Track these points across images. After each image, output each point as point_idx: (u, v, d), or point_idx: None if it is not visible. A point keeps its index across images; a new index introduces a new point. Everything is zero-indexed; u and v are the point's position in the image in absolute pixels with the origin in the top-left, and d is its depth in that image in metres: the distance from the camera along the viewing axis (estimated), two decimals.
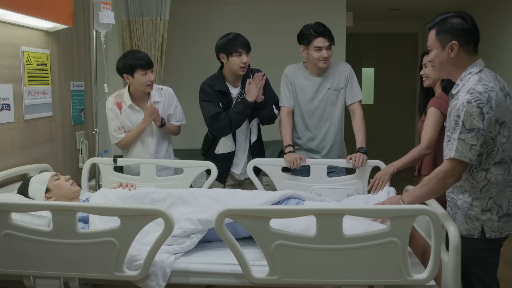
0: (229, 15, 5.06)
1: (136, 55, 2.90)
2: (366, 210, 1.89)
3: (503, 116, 1.89)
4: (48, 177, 2.50)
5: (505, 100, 1.91)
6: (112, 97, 3.04)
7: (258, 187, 2.85)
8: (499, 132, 1.90)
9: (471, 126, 1.85)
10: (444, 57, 2.00)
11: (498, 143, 1.91)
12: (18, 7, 2.46)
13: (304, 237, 1.81)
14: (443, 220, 1.90)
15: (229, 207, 1.81)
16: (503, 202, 1.94)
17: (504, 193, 1.94)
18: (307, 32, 2.89)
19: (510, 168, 1.93)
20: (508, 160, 1.93)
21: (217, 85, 2.93)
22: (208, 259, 2.06)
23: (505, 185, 1.94)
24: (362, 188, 2.84)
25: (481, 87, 1.88)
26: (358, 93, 3.00)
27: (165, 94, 3.07)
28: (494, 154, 1.91)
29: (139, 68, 2.86)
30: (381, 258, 1.80)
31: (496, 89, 1.89)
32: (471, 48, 1.99)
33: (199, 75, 5.19)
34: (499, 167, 1.92)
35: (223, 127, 2.87)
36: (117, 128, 3.02)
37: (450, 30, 1.98)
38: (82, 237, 1.88)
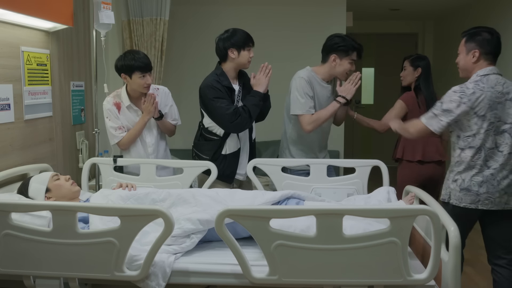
0: (229, 15, 5.06)
1: (136, 56, 2.88)
2: (366, 210, 1.89)
3: (484, 110, 2.36)
4: (48, 177, 2.49)
5: (497, 101, 2.37)
6: (110, 97, 3.03)
7: (258, 187, 2.85)
8: (476, 122, 2.38)
9: (447, 108, 2.41)
10: (466, 61, 2.51)
11: (475, 131, 2.39)
12: (18, 7, 2.46)
13: (304, 237, 1.81)
14: (443, 220, 1.90)
15: (229, 207, 1.80)
16: (466, 178, 2.44)
17: (469, 172, 2.43)
18: (345, 44, 2.93)
19: (480, 154, 2.39)
20: (482, 148, 2.39)
21: (224, 81, 2.91)
22: (208, 259, 2.06)
23: (470, 166, 2.42)
24: (362, 188, 2.84)
25: (472, 84, 2.40)
26: None
27: (161, 94, 3.07)
28: (470, 140, 2.42)
29: (137, 70, 2.85)
30: (381, 258, 1.80)
31: (486, 90, 2.36)
32: (490, 58, 2.48)
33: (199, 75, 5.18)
34: (472, 151, 2.41)
35: (244, 120, 2.84)
36: (117, 127, 3.01)
37: (477, 40, 2.47)
38: (82, 237, 1.87)
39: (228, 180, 2.97)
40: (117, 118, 3.00)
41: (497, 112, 2.38)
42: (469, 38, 2.50)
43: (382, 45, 7.68)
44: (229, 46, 2.88)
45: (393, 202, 2.43)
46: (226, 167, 2.93)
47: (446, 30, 7.03)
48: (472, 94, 2.36)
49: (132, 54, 2.89)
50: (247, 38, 2.89)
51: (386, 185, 2.74)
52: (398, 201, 2.46)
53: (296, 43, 5.00)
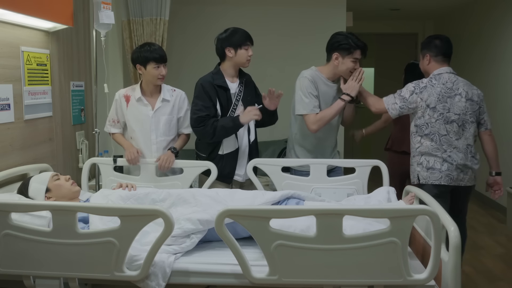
0: (229, 15, 5.06)
1: (152, 47, 2.92)
2: (366, 210, 1.89)
3: (434, 103, 2.81)
4: (48, 177, 2.49)
5: (446, 96, 2.82)
6: (123, 89, 3.08)
7: (258, 187, 2.85)
8: (428, 113, 2.82)
9: (403, 94, 2.89)
10: (423, 64, 3.02)
11: (427, 120, 2.83)
12: (18, 7, 2.46)
13: (304, 237, 1.81)
14: (443, 220, 1.90)
15: (229, 207, 1.81)
16: (429, 160, 2.85)
17: (430, 155, 2.85)
18: (347, 42, 2.90)
19: (435, 140, 2.83)
20: (436, 134, 2.83)
21: (217, 80, 2.92)
22: (208, 259, 2.06)
23: (432, 150, 2.84)
24: (362, 188, 2.84)
25: (426, 80, 2.90)
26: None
27: (177, 96, 3.05)
28: (424, 128, 2.85)
29: (152, 61, 2.88)
30: (381, 258, 1.80)
31: (436, 85, 2.84)
32: (440, 59, 2.94)
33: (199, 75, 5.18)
34: (428, 137, 2.84)
35: (206, 133, 2.86)
36: (112, 120, 3.05)
37: (427, 47, 2.99)
38: (82, 237, 1.87)
39: (227, 180, 2.96)
40: (117, 110, 3.04)
41: (446, 104, 2.81)
42: (423, 46, 3.02)
43: (382, 45, 7.68)
44: (226, 45, 2.90)
45: (393, 202, 2.43)
46: (223, 167, 2.92)
47: (446, 30, 7.04)
48: (424, 88, 2.84)
49: (148, 46, 2.94)
50: (245, 37, 2.89)
51: (386, 185, 2.75)
52: (398, 201, 2.46)
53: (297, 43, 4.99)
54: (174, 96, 3.04)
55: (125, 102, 3.01)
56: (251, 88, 3.04)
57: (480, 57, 5.82)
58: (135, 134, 3.02)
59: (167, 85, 3.06)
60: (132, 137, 3.04)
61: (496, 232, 4.60)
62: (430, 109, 2.81)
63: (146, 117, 2.97)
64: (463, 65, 6.32)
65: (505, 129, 5.14)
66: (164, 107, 2.99)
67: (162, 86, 3.02)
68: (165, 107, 2.99)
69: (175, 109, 3.03)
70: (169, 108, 3.00)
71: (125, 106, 3.01)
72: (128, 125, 3.05)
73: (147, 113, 2.97)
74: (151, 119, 2.97)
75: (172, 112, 3.02)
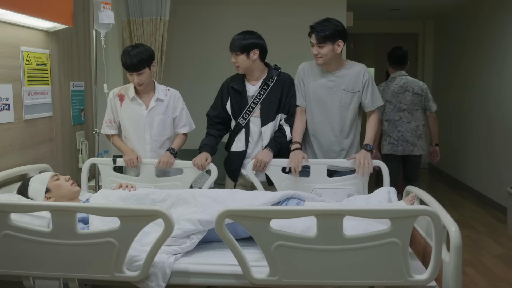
0: (229, 15, 5.05)
1: (126, 56, 2.82)
2: (367, 211, 1.88)
3: (389, 98, 4.04)
4: (48, 177, 2.49)
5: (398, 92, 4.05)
6: (117, 88, 3.06)
7: (258, 188, 2.85)
8: (386, 105, 4.00)
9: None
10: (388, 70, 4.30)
11: (387, 110, 4.06)
12: (18, 7, 2.45)
13: (304, 237, 1.81)
14: (444, 220, 1.89)
15: (229, 208, 1.80)
16: (388, 138, 4.10)
17: (389, 134, 4.09)
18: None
19: (391, 124, 4.08)
20: (391, 120, 4.07)
21: (233, 82, 2.96)
22: (208, 260, 2.06)
23: (389, 130, 4.08)
24: (362, 188, 2.83)
25: (385, 82, 4.18)
26: (378, 99, 2.95)
27: (171, 96, 3.03)
28: (385, 115, 4.07)
29: (125, 69, 2.86)
30: (382, 258, 1.80)
31: (391, 85, 4.09)
32: (394, 66, 4.18)
33: (200, 75, 5.24)
34: (387, 122, 4.09)
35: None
36: (108, 120, 3.04)
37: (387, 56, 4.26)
38: (81, 237, 1.87)
39: (232, 176, 3.01)
40: (112, 110, 3.03)
41: (398, 98, 4.04)
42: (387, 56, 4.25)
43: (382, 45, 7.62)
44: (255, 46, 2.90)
45: (394, 203, 2.43)
46: (231, 163, 2.99)
47: (447, 29, 7.04)
48: (382, 90, 4.02)
49: (127, 52, 2.84)
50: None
51: (387, 186, 2.74)
52: (399, 201, 2.45)
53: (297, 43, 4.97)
54: (168, 95, 3.03)
55: (119, 101, 3.00)
56: (278, 92, 2.93)
57: (482, 56, 5.82)
58: (128, 133, 3.01)
59: (161, 85, 3.06)
60: (126, 136, 3.03)
61: (496, 232, 4.59)
62: (387, 102, 4.02)
63: (140, 117, 2.96)
64: (464, 65, 6.33)
65: (507, 128, 5.13)
66: (158, 107, 2.98)
67: (156, 86, 3.00)
68: (159, 107, 2.98)
69: (170, 108, 3.02)
70: (163, 107, 2.99)
71: (119, 105, 3.00)
72: (122, 124, 3.03)
73: (141, 112, 2.96)
74: (145, 118, 2.96)
75: (167, 112, 3.01)
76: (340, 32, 2.83)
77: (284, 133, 2.93)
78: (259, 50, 2.88)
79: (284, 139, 2.92)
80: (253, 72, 2.92)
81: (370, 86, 2.89)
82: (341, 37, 2.83)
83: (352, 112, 2.91)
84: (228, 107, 2.97)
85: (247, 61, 2.86)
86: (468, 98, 6.22)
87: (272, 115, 2.92)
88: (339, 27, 2.84)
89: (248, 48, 2.84)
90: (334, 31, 2.81)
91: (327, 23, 2.83)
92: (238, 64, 2.88)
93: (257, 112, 2.92)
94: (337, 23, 2.84)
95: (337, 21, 2.86)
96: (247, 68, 2.90)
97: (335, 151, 2.95)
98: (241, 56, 2.85)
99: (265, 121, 2.92)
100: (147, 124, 2.97)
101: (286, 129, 2.94)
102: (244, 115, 2.92)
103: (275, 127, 2.95)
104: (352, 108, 2.91)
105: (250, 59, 2.86)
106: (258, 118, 2.92)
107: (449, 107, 6.83)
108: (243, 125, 2.94)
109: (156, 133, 3.00)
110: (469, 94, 6.17)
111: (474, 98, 5.99)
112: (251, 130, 2.94)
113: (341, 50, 2.84)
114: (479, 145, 5.91)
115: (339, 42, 2.82)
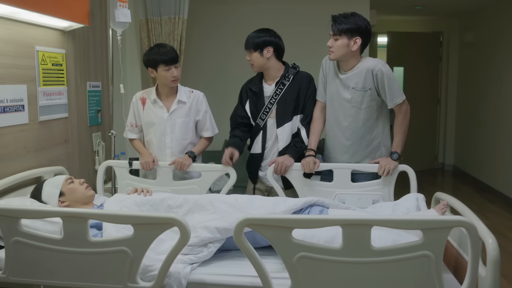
0: (248, 13, 4.96)
1: (161, 49, 2.82)
2: (397, 221, 1.73)
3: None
4: (62, 180, 2.42)
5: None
6: (139, 92, 3.01)
7: (279, 193, 2.73)
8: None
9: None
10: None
11: None
12: (33, 6, 2.40)
13: (329, 249, 1.69)
14: (480, 232, 1.75)
15: (248, 216, 1.69)
16: None
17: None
18: None
19: None
20: None
21: (251, 83, 2.92)
22: (226, 270, 1.97)
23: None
24: (388, 194, 2.69)
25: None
26: (395, 95, 2.64)
27: (194, 98, 2.94)
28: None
29: (161, 63, 2.78)
30: (413, 273, 1.67)
31: None
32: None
33: (218, 74, 5.15)
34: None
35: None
36: (130, 124, 2.99)
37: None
38: (93, 245, 1.79)
39: (251, 178, 2.96)
40: (134, 114, 2.97)
41: None
42: None
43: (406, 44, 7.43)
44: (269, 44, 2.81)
45: (423, 211, 2.29)
46: (250, 165, 2.93)
47: (473, 28, 6.82)
48: None
49: (157, 48, 2.84)
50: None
51: (414, 192, 2.60)
52: (429, 209, 2.31)
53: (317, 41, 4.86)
54: (191, 97, 2.93)
55: (141, 104, 2.93)
56: (294, 91, 2.81)
57: (508, 56, 5.61)
58: (150, 137, 2.94)
59: (184, 87, 2.96)
60: (148, 140, 2.96)
61: None
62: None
63: (161, 120, 2.88)
64: (491, 64, 6.12)
65: None
66: (180, 109, 2.89)
67: (178, 88, 2.91)
68: (181, 109, 2.89)
69: (192, 111, 2.92)
70: (185, 110, 2.90)
71: (141, 109, 2.93)
72: (144, 128, 2.97)
73: (162, 115, 2.88)
74: (166, 121, 2.87)
75: (189, 115, 2.91)
76: (360, 28, 2.62)
77: (301, 138, 2.82)
78: (273, 48, 2.78)
79: (302, 144, 2.81)
80: (269, 70, 2.83)
81: (385, 82, 2.63)
82: (360, 34, 2.62)
83: (366, 112, 2.68)
84: (248, 108, 2.89)
85: (260, 58, 2.78)
86: (495, 99, 6.01)
87: (288, 116, 2.81)
88: (361, 23, 2.64)
89: (261, 46, 2.77)
90: (354, 25, 2.62)
91: (350, 16, 2.66)
92: (252, 62, 2.82)
93: (273, 112, 2.83)
94: (360, 19, 2.65)
95: (362, 17, 2.67)
96: (261, 66, 2.82)
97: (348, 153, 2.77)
98: (255, 54, 2.78)
99: (281, 122, 2.81)
100: (168, 127, 2.88)
101: (302, 133, 2.82)
102: (261, 116, 2.84)
103: (292, 129, 2.82)
104: (365, 108, 2.67)
105: (264, 56, 2.78)
106: (274, 119, 2.83)
107: (474, 108, 6.62)
108: (261, 126, 2.85)
109: (178, 136, 2.90)
110: (496, 94, 5.96)
111: (502, 98, 5.79)
112: (268, 131, 2.84)
113: (357, 48, 2.62)
114: (506, 147, 5.70)
115: (357, 39, 2.61)
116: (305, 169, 2.72)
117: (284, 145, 2.81)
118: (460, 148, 7.33)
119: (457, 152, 7.47)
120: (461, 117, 7.25)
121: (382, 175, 2.66)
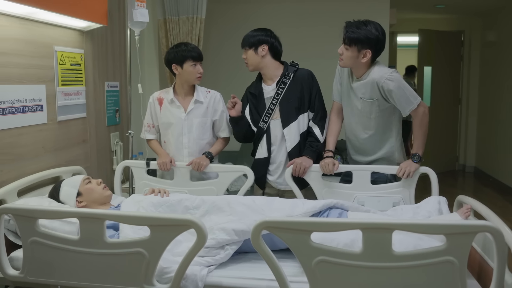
0: (266, 12, 4.93)
1: (189, 46, 2.85)
2: (420, 225, 1.68)
3: None
4: (80, 180, 2.42)
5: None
6: (157, 92, 3.00)
7: (297, 195, 2.69)
8: None
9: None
10: None
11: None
12: (52, 6, 2.40)
13: (349, 253, 1.65)
14: (506, 237, 1.69)
15: (266, 219, 1.65)
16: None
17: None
18: None
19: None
20: None
21: (251, 86, 2.89)
22: (243, 273, 1.93)
23: None
24: (408, 197, 2.63)
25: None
26: (407, 104, 2.56)
27: (211, 98, 2.92)
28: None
29: (189, 59, 2.79)
30: (436, 279, 1.61)
31: None
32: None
33: (236, 74, 5.12)
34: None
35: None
36: (147, 125, 2.98)
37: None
38: (110, 246, 1.78)
39: (259, 184, 2.89)
40: (151, 114, 2.96)
41: None
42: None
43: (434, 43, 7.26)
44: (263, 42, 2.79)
45: (446, 214, 2.23)
46: (256, 171, 2.82)
47: (496, 27, 6.67)
48: None
49: (184, 45, 2.86)
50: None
51: (436, 194, 2.53)
52: (452, 213, 2.24)
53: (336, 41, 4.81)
54: (208, 97, 2.91)
55: (159, 105, 2.91)
56: (297, 89, 2.75)
57: None
58: (167, 137, 2.92)
59: (201, 87, 2.94)
60: (166, 141, 2.94)
61: None
62: None
63: (178, 120, 2.86)
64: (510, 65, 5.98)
65: None
66: (197, 109, 2.87)
67: (195, 87, 2.90)
68: (198, 109, 2.87)
69: (209, 111, 2.90)
70: (202, 110, 2.87)
71: (158, 109, 2.91)
72: (161, 129, 2.95)
73: (179, 115, 2.86)
74: (183, 121, 2.85)
75: (206, 114, 2.89)
76: (370, 41, 2.48)
77: (315, 136, 2.76)
78: (268, 46, 2.75)
79: (317, 143, 2.76)
80: (265, 70, 2.80)
81: (392, 95, 2.54)
82: (370, 47, 2.49)
83: (375, 121, 2.64)
84: (247, 113, 2.84)
85: (255, 56, 2.76)
86: None
87: (293, 115, 2.76)
88: (373, 35, 2.48)
89: (256, 44, 2.75)
90: (364, 38, 2.48)
91: (362, 26, 2.50)
92: (247, 60, 2.80)
93: (277, 113, 2.78)
94: (373, 30, 2.49)
95: (376, 28, 2.50)
96: (256, 65, 2.79)
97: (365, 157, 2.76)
98: (250, 52, 2.77)
99: (286, 122, 2.76)
100: (185, 127, 2.86)
101: (315, 131, 2.77)
102: (264, 118, 2.79)
103: (299, 128, 2.77)
104: (375, 118, 2.63)
105: (259, 55, 2.75)
106: (278, 120, 2.78)
107: (496, 108, 6.48)
108: (264, 130, 2.80)
109: (195, 136, 2.88)
110: None
111: None
112: (272, 134, 2.79)
113: (366, 60, 2.52)
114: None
115: (366, 52, 2.50)
116: (324, 171, 2.68)
117: (292, 145, 2.76)
118: (481, 149, 7.18)
119: (478, 153, 7.32)
120: (483, 117, 7.10)
121: (402, 177, 2.61)
